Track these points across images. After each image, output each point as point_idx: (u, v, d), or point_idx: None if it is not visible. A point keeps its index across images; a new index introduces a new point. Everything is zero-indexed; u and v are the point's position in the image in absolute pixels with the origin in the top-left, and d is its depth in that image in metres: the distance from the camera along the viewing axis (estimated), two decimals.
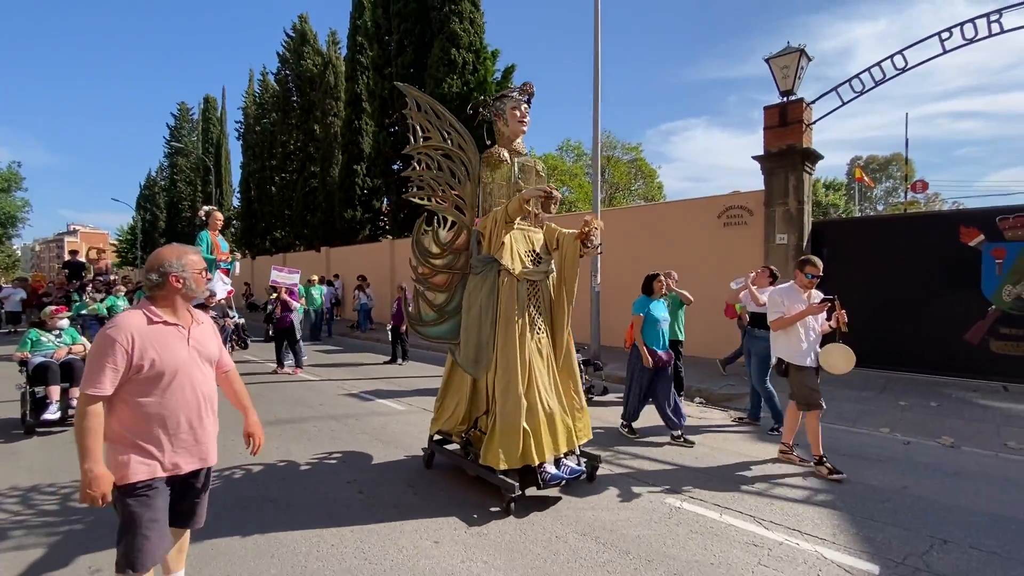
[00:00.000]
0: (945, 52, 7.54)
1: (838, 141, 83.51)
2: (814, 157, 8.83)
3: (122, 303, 10.68)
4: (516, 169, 4.14)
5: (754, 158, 9.14)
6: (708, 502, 3.65)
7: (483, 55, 16.88)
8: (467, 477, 4.03)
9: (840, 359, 4.28)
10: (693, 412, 6.26)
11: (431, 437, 4.37)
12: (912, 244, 8.13)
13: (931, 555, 2.94)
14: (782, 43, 9.90)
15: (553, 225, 4.24)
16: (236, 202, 33.86)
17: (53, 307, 6.09)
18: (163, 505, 2.07)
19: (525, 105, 4.23)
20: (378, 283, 17.11)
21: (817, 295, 4.46)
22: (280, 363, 8.87)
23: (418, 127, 4.33)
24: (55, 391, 5.40)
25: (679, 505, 3.61)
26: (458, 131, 4.24)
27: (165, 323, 2.10)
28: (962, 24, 7.38)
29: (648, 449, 4.95)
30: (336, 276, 19.38)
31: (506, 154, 4.14)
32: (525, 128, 4.23)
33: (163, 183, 44.83)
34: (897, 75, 7.92)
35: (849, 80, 8.31)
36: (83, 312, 10.32)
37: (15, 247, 51.91)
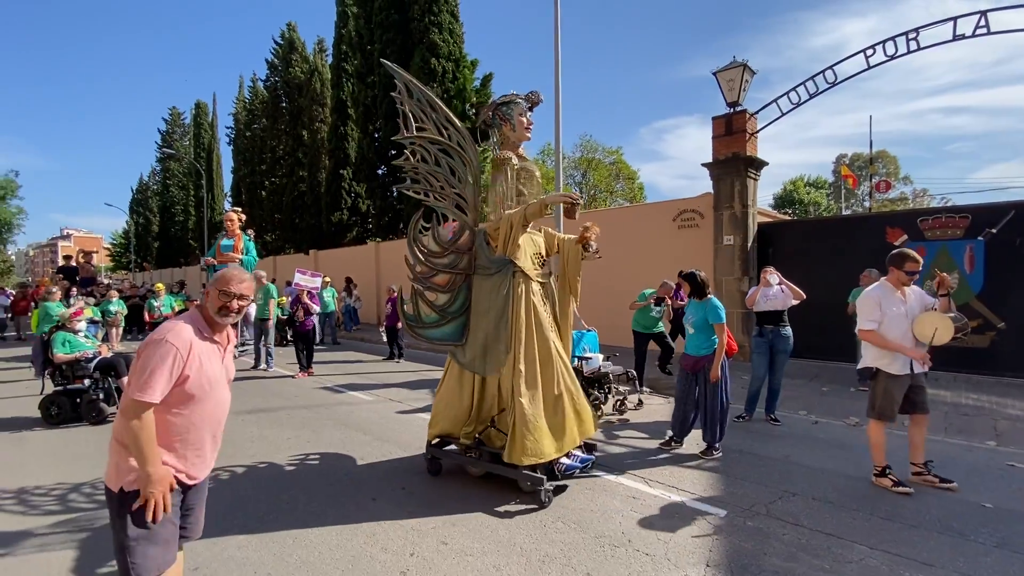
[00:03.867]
0: (870, 68, 8.24)
1: (825, 138, 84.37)
2: (758, 164, 9.50)
3: (114, 307, 11.24)
4: (520, 173, 4.25)
5: (703, 165, 9.81)
6: (630, 473, 4.23)
7: (462, 64, 17.50)
8: (468, 475, 4.12)
9: (942, 329, 3.68)
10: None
11: (430, 442, 4.23)
12: (845, 244, 8.81)
13: (775, 504, 3.59)
14: (773, 40, 10.65)
15: (550, 230, 4.43)
16: (227, 206, 34.36)
17: (71, 311, 6.47)
18: (173, 516, 2.01)
19: (530, 113, 4.35)
20: (364, 284, 17.68)
21: (915, 293, 3.93)
22: (302, 366, 8.82)
23: (410, 115, 4.17)
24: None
25: (605, 476, 4.14)
26: (456, 128, 4.18)
27: (212, 340, 2.11)
28: (884, 42, 8.07)
29: (624, 440, 5.22)
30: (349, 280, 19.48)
31: (515, 159, 4.20)
32: (529, 135, 4.35)
33: (155, 187, 45.21)
34: (828, 88, 8.62)
35: (787, 92, 8.99)
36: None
37: (10, 253, 52.15)
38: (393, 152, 19.43)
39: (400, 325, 10.55)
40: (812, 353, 8.80)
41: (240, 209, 7.44)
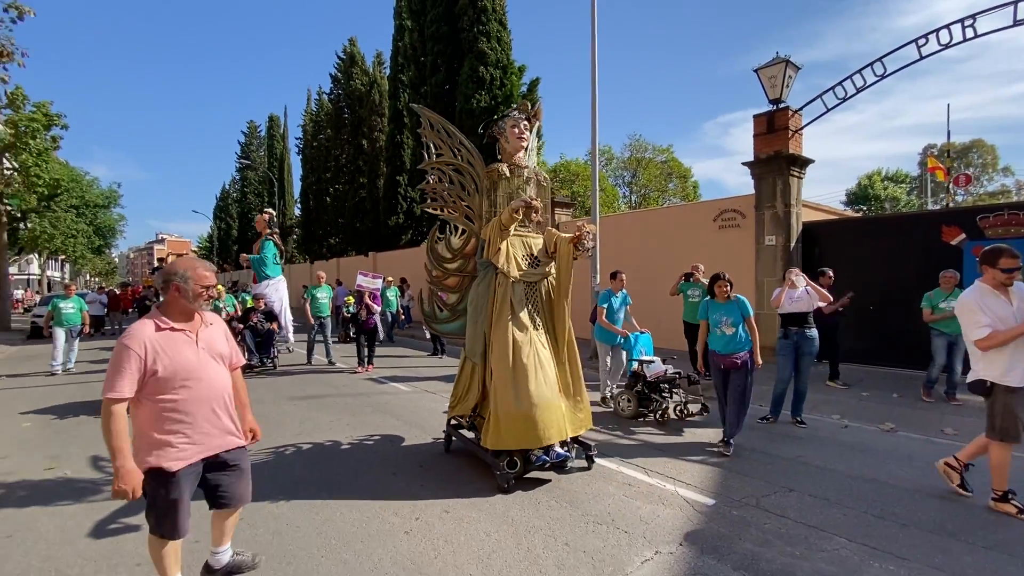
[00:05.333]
0: (921, 58, 7.83)
1: (913, 127, 77.56)
2: (802, 162, 9.23)
3: (226, 303, 12.53)
4: (519, 181, 4.50)
5: (744, 164, 9.65)
6: (630, 463, 4.47)
7: (510, 71, 17.97)
8: (476, 458, 4.44)
9: None
10: None
11: (448, 422, 4.76)
12: (898, 244, 8.41)
13: (769, 498, 3.70)
14: (853, 23, 10.39)
15: (553, 230, 4.56)
16: (297, 211, 36.91)
17: None
18: (186, 488, 2.31)
19: (525, 123, 4.59)
20: (418, 285, 18.51)
21: (1021, 292, 3.48)
22: (361, 362, 9.32)
23: (431, 144, 4.82)
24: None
25: (605, 464, 4.39)
26: (467, 148, 4.71)
27: (172, 329, 2.31)
28: (937, 30, 7.65)
29: (640, 435, 5.38)
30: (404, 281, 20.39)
31: (506, 168, 4.48)
32: (524, 144, 4.59)
33: (235, 195, 49.15)
34: (877, 81, 8.26)
35: (832, 87, 8.70)
36: None
37: (113, 255, 58.59)
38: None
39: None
40: (857, 357, 8.47)
41: (270, 211, 8.13)
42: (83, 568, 2.88)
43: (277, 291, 9.26)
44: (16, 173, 19.38)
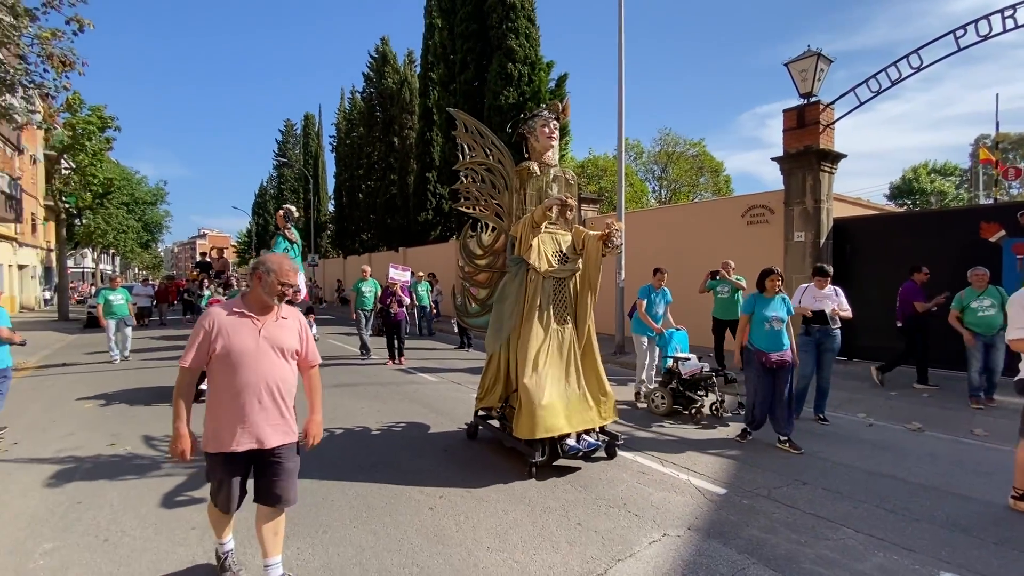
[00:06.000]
0: (960, 49, 7.58)
1: (963, 117, 73.63)
2: (833, 157, 9.06)
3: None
4: (548, 179, 4.65)
5: (773, 159, 9.54)
6: (648, 453, 4.61)
7: (538, 67, 18.06)
8: (498, 444, 4.71)
9: None
10: None
11: (476, 412, 4.96)
12: (934, 240, 8.18)
13: (781, 489, 3.79)
14: (903, 7, 10.07)
15: (581, 228, 4.68)
16: (331, 208, 37.97)
17: (209, 300, 7.93)
18: (233, 472, 2.42)
19: (554, 122, 4.72)
20: (447, 279, 18.94)
21: None
22: (392, 356, 9.52)
23: (465, 146, 5.00)
24: None
25: (622, 453, 4.52)
26: (498, 147, 4.85)
27: (242, 314, 2.42)
28: (976, 21, 7.40)
29: (660, 428, 5.51)
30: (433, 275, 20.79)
31: (536, 167, 4.63)
32: (553, 143, 4.70)
33: (272, 192, 50.79)
34: (913, 73, 8.03)
35: (866, 81, 8.50)
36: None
37: (160, 250, 61.51)
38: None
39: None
40: (887, 356, 8.28)
41: (288, 206, 8.20)
42: (144, 530, 3.24)
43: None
44: (73, 173, 20.68)
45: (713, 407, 5.84)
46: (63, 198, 20.10)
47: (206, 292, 13.35)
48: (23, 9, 7.97)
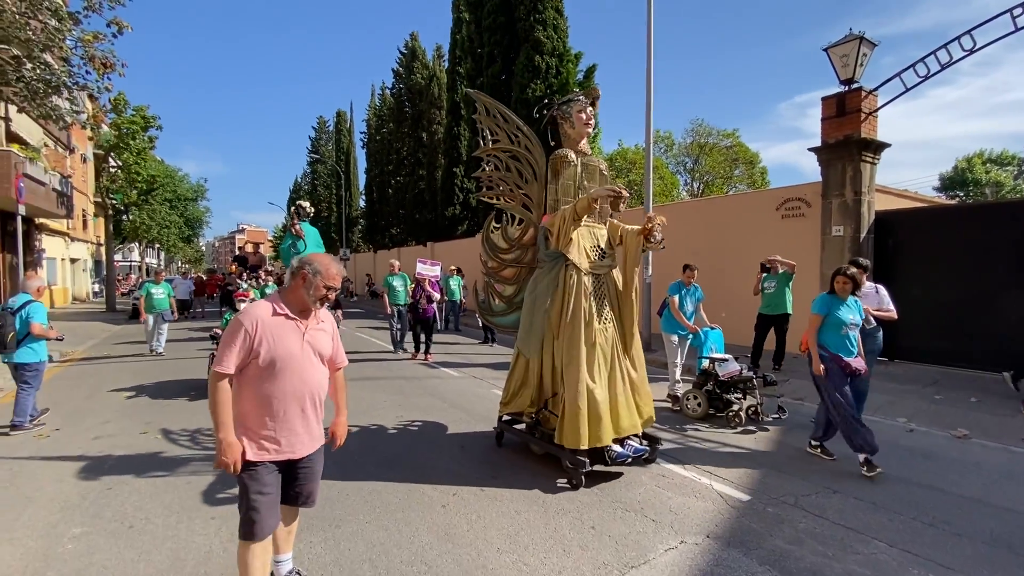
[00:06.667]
0: (1017, 29, 7.04)
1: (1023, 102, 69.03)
2: (876, 146, 8.58)
3: (270, 291, 13.63)
4: (580, 169, 4.30)
5: (810, 150, 9.11)
6: (668, 455, 4.42)
7: (566, 58, 17.82)
8: (521, 447, 4.50)
9: None
10: None
11: (500, 418, 4.62)
12: (984, 235, 7.67)
13: (809, 497, 3.60)
14: None
15: (616, 221, 4.39)
16: (362, 203, 38.63)
17: (236, 292, 8.21)
18: (272, 482, 2.22)
19: (591, 108, 4.38)
20: (473, 274, 18.97)
21: None
22: (419, 350, 9.37)
23: (487, 130, 4.67)
24: None
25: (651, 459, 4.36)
26: (525, 134, 4.53)
27: (286, 316, 2.24)
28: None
29: (685, 430, 5.33)
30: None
31: (573, 155, 4.28)
32: (590, 130, 4.38)
33: (306, 188, 52.00)
34: (964, 56, 7.51)
35: (913, 65, 8.00)
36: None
37: (201, 244, 63.96)
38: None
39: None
40: (933, 358, 7.86)
41: (301, 203, 8.06)
42: (167, 518, 3.33)
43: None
44: (119, 171, 21.64)
45: (751, 411, 5.49)
46: (110, 195, 21.07)
47: (243, 285, 13.62)
48: (67, 13, 8.32)
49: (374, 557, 2.85)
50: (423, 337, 9.44)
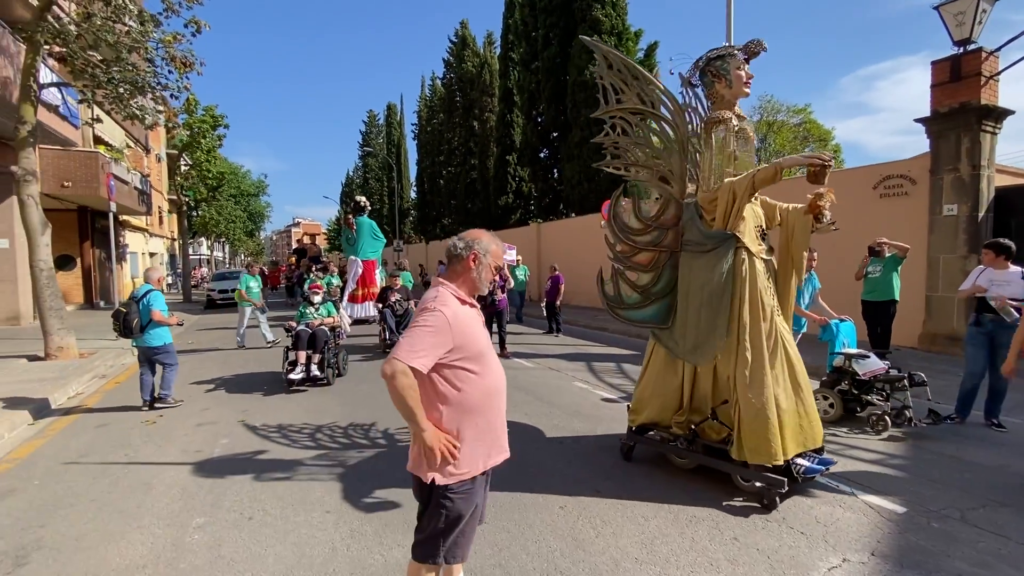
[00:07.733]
0: None
1: None
2: (998, 114, 7.64)
3: (336, 280, 13.89)
4: (734, 136, 3.68)
5: (917, 121, 8.24)
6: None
7: (625, 36, 17.15)
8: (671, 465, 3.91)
9: None
10: None
11: (630, 428, 4.05)
12: None
13: (975, 511, 3.15)
14: None
15: (766, 199, 3.83)
16: (413, 194, 39.15)
17: (310, 285, 7.97)
18: (483, 497, 1.99)
19: (747, 65, 3.74)
20: (527, 263, 18.80)
21: None
22: (503, 347, 8.69)
23: (610, 87, 4.01)
24: (301, 356, 6.42)
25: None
26: (664, 93, 3.86)
27: (471, 304, 1.99)
28: None
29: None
30: None
31: (735, 118, 3.67)
32: (748, 91, 3.75)
33: (358, 181, 53.30)
34: None
35: None
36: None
37: (262, 238, 67.05)
38: (555, 134, 20.01)
39: (558, 302, 11.14)
40: None
41: (357, 198, 7.88)
42: (283, 510, 3.30)
43: (349, 270, 10.32)
44: (191, 169, 22.78)
45: (899, 415, 4.64)
46: (183, 192, 22.22)
47: (314, 278, 13.94)
48: (149, 15, 8.60)
49: (504, 562, 2.68)
50: (495, 327, 8.77)
